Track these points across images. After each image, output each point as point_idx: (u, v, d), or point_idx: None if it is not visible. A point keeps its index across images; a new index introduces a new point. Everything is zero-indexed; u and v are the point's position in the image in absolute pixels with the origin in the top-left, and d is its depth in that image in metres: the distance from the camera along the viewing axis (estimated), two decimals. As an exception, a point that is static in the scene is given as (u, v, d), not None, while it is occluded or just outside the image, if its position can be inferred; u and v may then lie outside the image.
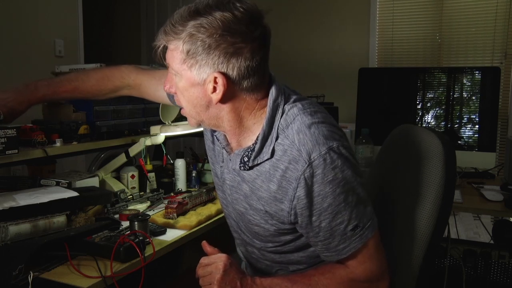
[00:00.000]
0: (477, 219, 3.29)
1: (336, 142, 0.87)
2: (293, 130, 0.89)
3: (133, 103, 1.81)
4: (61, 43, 3.09)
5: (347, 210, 0.87)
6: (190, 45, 0.86)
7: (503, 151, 2.58)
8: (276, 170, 0.89)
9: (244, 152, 0.94)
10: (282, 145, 0.89)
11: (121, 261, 1.06)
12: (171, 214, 1.39)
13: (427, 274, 1.05)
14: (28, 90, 1.30)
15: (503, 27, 3.19)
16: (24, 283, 0.95)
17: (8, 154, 1.26)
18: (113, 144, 1.68)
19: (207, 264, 0.96)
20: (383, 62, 3.60)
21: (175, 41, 0.87)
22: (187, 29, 0.85)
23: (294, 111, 0.91)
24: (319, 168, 0.85)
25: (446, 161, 1.03)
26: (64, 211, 1.21)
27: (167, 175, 1.79)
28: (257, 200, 0.95)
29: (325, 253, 0.94)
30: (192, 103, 0.93)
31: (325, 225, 0.88)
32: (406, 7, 3.48)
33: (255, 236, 1.03)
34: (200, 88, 0.90)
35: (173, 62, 0.90)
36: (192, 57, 0.87)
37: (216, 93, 0.88)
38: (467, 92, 2.21)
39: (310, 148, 0.85)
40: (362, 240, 0.90)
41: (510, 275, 1.99)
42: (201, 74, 0.88)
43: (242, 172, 0.96)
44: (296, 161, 0.86)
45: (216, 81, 0.87)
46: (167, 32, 0.88)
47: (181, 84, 0.92)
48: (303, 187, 0.86)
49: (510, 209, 1.61)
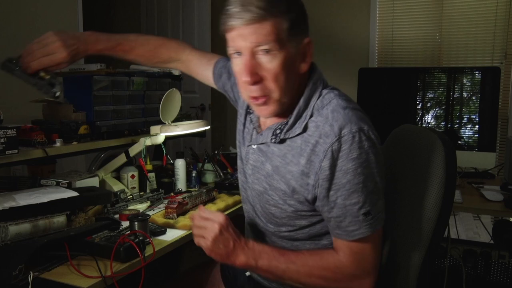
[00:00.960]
0: (477, 219, 3.29)
1: (367, 126, 0.91)
2: (328, 110, 0.93)
3: (133, 103, 1.82)
4: (61, 43, 3.08)
5: (363, 192, 0.90)
6: (294, 16, 0.90)
7: (503, 151, 2.59)
8: (307, 145, 0.93)
9: (277, 126, 0.98)
10: (315, 122, 0.94)
11: (121, 261, 1.06)
12: (171, 214, 1.39)
13: (427, 274, 1.05)
14: (90, 40, 1.23)
15: (503, 27, 3.18)
16: (24, 283, 0.95)
17: (8, 154, 1.26)
18: (113, 144, 1.68)
19: (206, 218, 0.97)
20: (383, 62, 3.60)
21: (275, 17, 0.87)
22: (282, 3, 0.88)
23: (330, 95, 0.96)
24: (347, 144, 0.88)
25: (447, 162, 1.03)
26: (64, 211, 1.21)
27: (167, 175, 1.79)
28: (282, 178, 0.97)
29: (336, 230, 0.94)
30: (289, 80, 0.92)
31: (340, 201, 0.90)
32: (406, 7, 3.48)
33: (270, 220, 1.03)
34: (294, 59, 0.92)
35: (269, 38, 0.87)
36: (294, 28, 0.90)
37: (306, 61, 0.95)
38: (467, 92, 2.21)
39: (342, 124, 0.89)
40: (371, 228, 0.91)
41: (510, 275, 1.99)
42: (299, 42, 0.92)
43: (272, 147, 0.99)
44: (326, 136, 0.90)
45: (310, 46, 0.95)
46: (266, 11, 0.86)
47: (278, 62, 0.89)
48: (328, 159, 0.89)
49: (510, 209, 1.61)
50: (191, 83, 3.79)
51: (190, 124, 1.62)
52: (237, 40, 0.90)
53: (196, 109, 3.79)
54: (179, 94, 1.68)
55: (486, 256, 2.01)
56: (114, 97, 1.72)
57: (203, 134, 2.08)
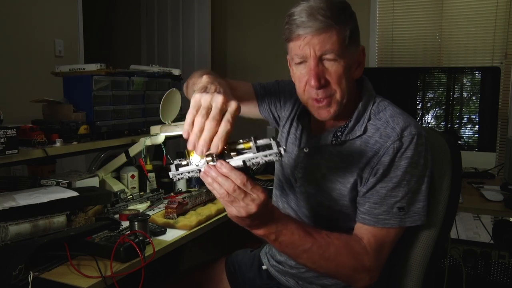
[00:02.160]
0: (477, 219, 3.28)
1: (425, 134, 0.98)
2: (386, 115, 1.00)
3: (133, 103, 1.82)
4: (61, 43, 3.09)
5: (405, 189, 0.95)
6: (353, 26, 0.96)
7: (503, 151, 2.58)
8: (367, 145, 0.98)
9: (337, 129, 1.04)
10: (374, 125, 1.00)
11: (121, 261, 1.06)
12: (171, 214, 1.39)
13: (432, 274, 1.05)
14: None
15: (503, 27, 3.18)
16: (24, 283, 0.94)
17: (8, 154, 1.26)
18: (113, 144, 1.68)
19: (243, 190, 0.78)
20: (383, 62, 3.59)
21: (340, 26, 0.93)
22: (345, 13, 0.94)
23: (385, 103, 1.04)
24: (406, 143, 0.94)
25: (452, 163, 1.04)
26: (64, 211, 1.21)
27: (167, 175, 1.79)
28: (339, 177, 1.00)
29: (365, 215, 0.98)
30: (347, 83, 0.98)
31: (383, 191, 0.96)
32: (406, 7, 3.47)
33: (317, 220, 1.06)
34: (351, 65, 0.98)
35: (335, 45, 0.93)
36: (353, 36, 0.95)
37: (360, 66, 1.02)
38: (467, 92, 2.21)
39: (403, 126, 0.96)
40: (400, 222, 0.96)
41: (510, 275, 1.99)
42: (356, 49, 0.99)
43: (330, 148, 1.03)
44: (388, 136, 0.96)
45: (363, 53, 1.02)
46: (333, 21, 0.91)
47: (341, 66, 0.95)
48: (389, 155, 0.94)
49: (510, 209, 1.61)
50: (191, 83, 3.79)
51: (190, 124, 1.62)
52: (305, 49, 0.94)
53: (196, 109, 3.78)
54: (179, 94, 1.68)
55: (486, 256, 2.01)
56: (114, 97, 1.72)
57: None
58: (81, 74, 1.67)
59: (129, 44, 4.39)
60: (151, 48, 4.14)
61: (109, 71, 1.68)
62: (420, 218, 0.97)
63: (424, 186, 0.97)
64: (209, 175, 0.79)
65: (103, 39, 4.57)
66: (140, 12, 4.21)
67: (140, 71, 1.87)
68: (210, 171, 0.79)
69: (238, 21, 4.02)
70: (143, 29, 4.20)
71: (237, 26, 4.02)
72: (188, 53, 3.87)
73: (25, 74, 2.78)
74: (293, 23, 0.94)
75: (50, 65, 1.93)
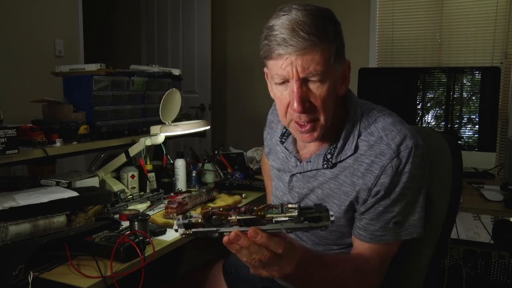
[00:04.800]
0: (477, 219, 3.28)
1: (420, 142, 0.92)
2: (378, 128, 0.93)
3: (133, 103, 1.82)
4: (61, 43, 3.09)
5: (401, 204, 0.91)
6: (339, 41, 0.88)
7: (503, 151, 2.58)
8: (361, 164, 0.92)
9: (326, 151, 0.97)
10: (366, 141, 0.92)
11: (121, 261, 1.06)
12: (171, 214, 1.39)
13: (434, 274, 1.05)
14: None
15: (503, 27, 3.18)
16: (24, 283, 0.95)
17: (8, 154, 1.26)
18: (113, 144, 1.68)
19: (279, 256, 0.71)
20: (383, 62, 3.59)
21: (325, 44, 0.84)
22: (330, 28, 0.86)
23: (374, 112, 0.96)
24: (404, 159, 0.89)
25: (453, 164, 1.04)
26: (64, 211, 1.21)
27: (167, 175, 1.79)
28: (334, 200, 0.95)
29: (361, 231, 0.94)
30: (332, 104, 0.91)
31: (380, 209, 0.91)
32: (406, 7, 3.47)
33: (319, 242, 1.02)
34: (336, 82, 0.91)
35: (320, 66, 0.85)
36: (339, 52, 0.89)
37: (345, 82, 0.95)
38: (467, 92, 2.21)
39: (399, 141, 0.89)
40: (395, 236, 0.92)
41: (510, 275, 1.99)
42: (341, 65, 0.91)
43: (323, 171, 0.97)
44: (383, 154, 0.89)
45: (349, 68, 0.94)
46: (318, 39, 0.83)
47: (325, 88, 0.87)
48: (388, 175, 0.89)
49: (510, 209, 1.61)
50: (191, 83, 3.79)
51: (190, 124, 1.62)
52: (287, 69, 0.85)
53: (196, 109, 3.79)
54: (179, 94, 1.67)
55: (486, 256, 2.01)
56: (114, 97, 1.72)
57: (203, 134, 2.08)
58: (81, 74, 1.67)
59: (129, 44, 4.39)
60: (151, 48, 4.15)
61: (109, 71, 1.68)
62: (416, 231, 0.93)
63: (421, 197, 0.93)
64: (239, 243, 0.70)
65: (103, 39, 4.58)
66: (140, 12, 4.21)
67: (140, 71, 1.87)
68: (239, 239, 0.69)
69: (238, 21, 4.02)
70: (143, 29, 4.20)
71: (237, 26, 4.02)
72: (188, 53, 3.87)
73: (25, 74, 2.78)
74: (273, 40, 0.84)
75: (50, 65, 1.93)
